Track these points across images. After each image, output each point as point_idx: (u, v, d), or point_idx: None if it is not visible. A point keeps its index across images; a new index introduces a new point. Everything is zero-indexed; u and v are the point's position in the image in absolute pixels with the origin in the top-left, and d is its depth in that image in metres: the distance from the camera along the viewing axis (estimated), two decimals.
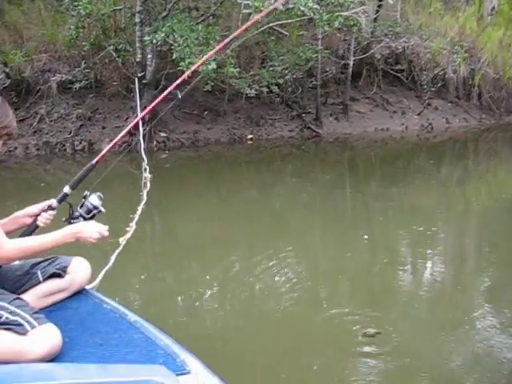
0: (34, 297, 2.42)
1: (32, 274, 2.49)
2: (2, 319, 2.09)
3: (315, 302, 4.53)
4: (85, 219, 2.52)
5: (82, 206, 2.56)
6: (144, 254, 5.70)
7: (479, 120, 13.78)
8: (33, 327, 2.06)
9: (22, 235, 2.53)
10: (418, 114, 13.37)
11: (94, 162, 2.76)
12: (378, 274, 5.18)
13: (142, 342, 2.14)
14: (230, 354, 3.63)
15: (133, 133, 10.27)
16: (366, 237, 6.12)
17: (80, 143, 10.31)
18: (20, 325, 2.07)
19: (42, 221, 2.56)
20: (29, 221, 2.57)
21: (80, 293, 2.57)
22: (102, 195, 2.61)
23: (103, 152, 2.85)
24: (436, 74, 13.58)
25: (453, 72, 13.63)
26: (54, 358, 2.02)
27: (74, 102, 10.82)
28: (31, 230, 2.56)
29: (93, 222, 2.47)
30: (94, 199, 2.56)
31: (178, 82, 3.24)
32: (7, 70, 10.24)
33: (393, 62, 13.63)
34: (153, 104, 3.34)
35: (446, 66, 13.60)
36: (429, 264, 5.43)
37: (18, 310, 2.12)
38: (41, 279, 2.48)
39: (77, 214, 2.54)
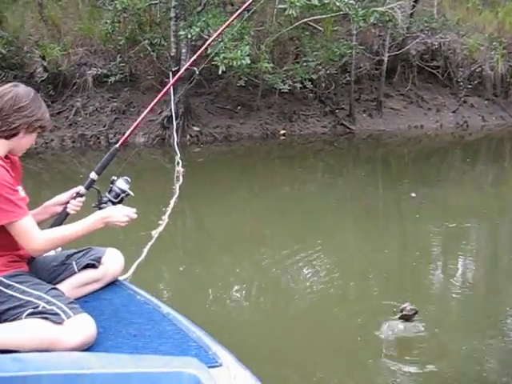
0: (69, 287, 2.46)
1: (67, 264, 2.53)
2: (39, 308, 2.14)
3: (345, 297, 4.52)
4: (113, 204, 2.53)
5: (110, 191, 2.57)
6: (176, 247, 5.75)
7: None
8: (68, 317, 2.11)
9: (54, 224, 2.57)
10: (454, 112, 13.17)
11: (117, 145, 2.77)
12: (409, 271, 5.14)
13: (174, 334, 2.16)
14: (259, 348, 3.64)
15: (166, 126, 10.40)
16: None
17: (114, 136, 10.43)
18: (56, 314, 2.11)
19: (71, 208, 2.59)
20: (59, 209, 2.60)
21: (113, 284, 2.61)
22: (128, 179, 2.61)
23: (126, 135, 2.87)
24: (473, 70, 13.37)
25: (490, 69, 13.39)
26: (88, 348, 2.06)
27: (109, 96, 10.97)
28: (62, 218, 2.59)
29: (120, 206, 2.49)
30: (121, 183, 2.57)
31: (194, 57, 3.31)
32: (45, 63, 10.42)
33: (428, 58, 13.45)
34: (176, 76, 3.42)
35: (484, 62, 13.37)
36: (461, 263, 5.36)
37: (54, 300, 2.17)
38: (76, 270, 2.53)
39: (105, 199, 2.56)
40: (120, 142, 2.80)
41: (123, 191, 2.57)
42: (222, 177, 8.81)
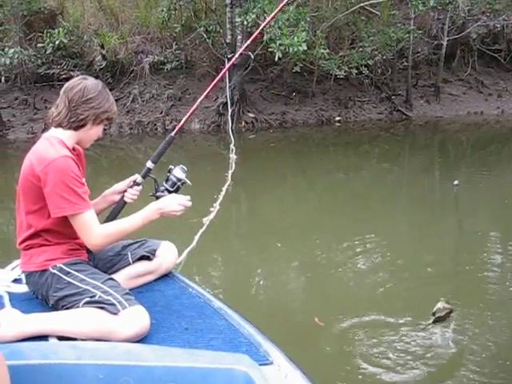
0: (123, 277, 2.52)
1: (123, 255, 2.59)
2: (96, 298, 2.20)
3: (397, 286, 4.45)
4: (170, 192, 2.54)
5: (167, 180, 2.58)
6: (229, 234, 5.78)
7: None
8: (124, 308, 2.15)
9: (111, 213, 2.61)
10: None
11: (172, 134, 2.76)
12: (464, 261, 5.03)
13: (225, 329, 2.18)
14: (309, 339, 3.64)
15: (222, 113, 10.46)
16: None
17: (170, 123, 10.57)
18: (112, 304, 2.16)
19: (128, 197, 2.61)
20: (117, 198, 2.63)
21: (167, 276, 2.64)
22: (185, 168, 2.61)
23: (181, 123, 2.85)
24: None
25: None
26: (141, 339, 2.10)
27: (165, 83, 11.11)
28: (120, 207, 2.62)
29: (173, 195, 2.50)
30: (177, 172, 2.57)
31: (249, 41, 3.31)
32: (104, 51, 10.63)
33: (490, 41, 13.06)
34: (230, 62, 3.42)
35: None
36: None
37: (110, 290, 2.22)
38: (130, 261, 2.58)
39: (162, 188, 2.57)
40: (175, 131, 2.79)
41: (179, 180, 2.57)
42: (276, 163, 8.82)
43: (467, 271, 4.78)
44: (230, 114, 9.64)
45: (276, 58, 9.44)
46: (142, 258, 2.59)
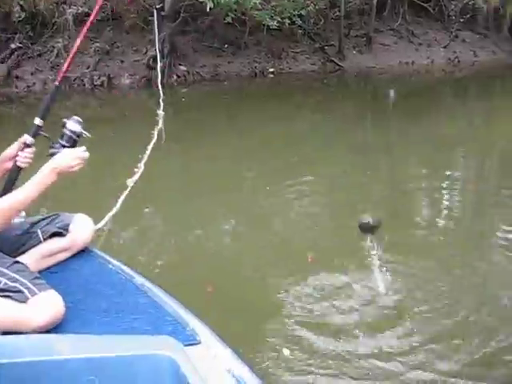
0: (34, 258, 2.30)
1: (32, 233, 2.35)
2: (1, 285, 2.00)
3: (335, 231, 4.49)
4: (67, 148, 2.27)
5: (62, 136, 2.30)
6: (158, 194, 5.58)
7: (509, 53, 13.26)
8: (33, 294, 1.97)
9: (7, 182, 2.31)
10: (445, 47, 12.92)
11: (56, 83, 2.47)
12: (398, 201, 5.20)
13: (148, 308, 2.04)
14: (245, 291, 3.59)
15: (152, 66, 10.13)
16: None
17: (99, 78, 10.18)
18: (20, 292, 1.98)
19: (21, 161, 2.30)
20: (10, 165, 2.33)
21: (83, 252, 2.42)
22: (80, 119, 2.34)
23: (64, 68, 2.52)
24: (465, 4, 13.07)
25: (483, 2, 13.05)
26: (55, 327, 1.94)
27: (92, 36, 10.58)
28: (15, 174, 2.33)
29: (66, 149, 2.24)
30: (71, 125, 2.30)
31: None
32: (21, 2, 10.03)
33: None
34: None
35: None
36: (445, 193, 5.38)
37: (17, 276, 2.02)
38: (41, 239, 2.34)
39: (57, 145, 2.28)
40: (59, 79, 2.48)
41: (74, 132, 2.30)
42: (210, 117, 8.65)
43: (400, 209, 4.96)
44: (159, 67, 9.33)
45: (208, 9, 9.18)
46: (54, 234, 2.35)
